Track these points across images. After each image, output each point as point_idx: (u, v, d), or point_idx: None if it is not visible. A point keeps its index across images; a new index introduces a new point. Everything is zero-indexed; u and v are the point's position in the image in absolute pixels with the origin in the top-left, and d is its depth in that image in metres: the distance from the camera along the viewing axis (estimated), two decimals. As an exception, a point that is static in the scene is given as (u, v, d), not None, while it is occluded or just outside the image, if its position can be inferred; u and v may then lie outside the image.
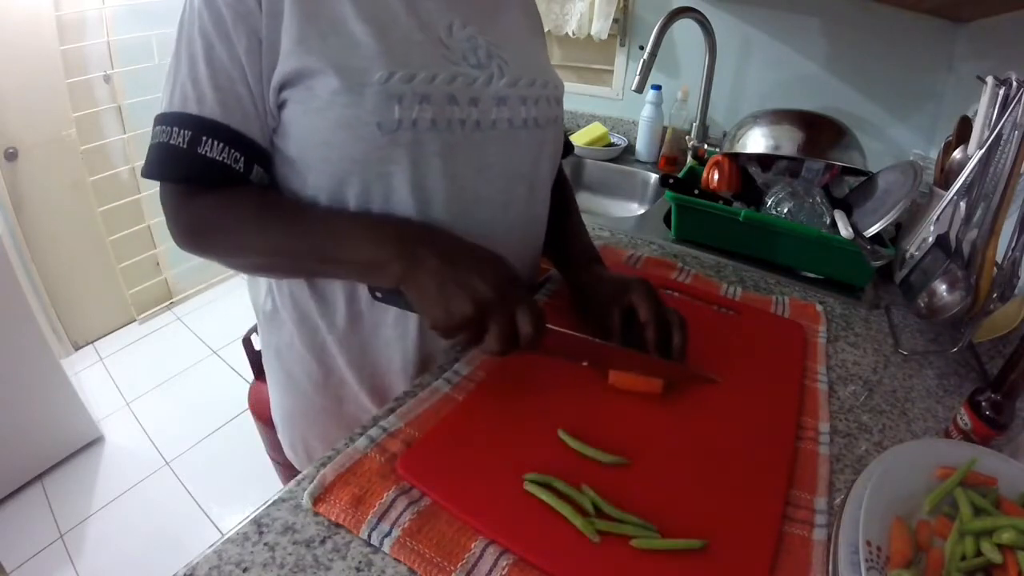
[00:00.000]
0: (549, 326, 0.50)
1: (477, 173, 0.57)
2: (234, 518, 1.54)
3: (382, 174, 0.52)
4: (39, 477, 1.62)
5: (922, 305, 0.74)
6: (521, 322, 0.47)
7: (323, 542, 0.41)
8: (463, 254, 0.49)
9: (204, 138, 0.49)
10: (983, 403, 0.53)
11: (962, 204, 0.72)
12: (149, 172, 0.51)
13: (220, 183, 0.51)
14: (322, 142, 0.51)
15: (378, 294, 0.52)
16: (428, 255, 0.47)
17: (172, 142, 0.49)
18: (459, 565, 0.39)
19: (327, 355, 0.62)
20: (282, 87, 0.50)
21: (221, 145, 0.49)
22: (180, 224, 0.53)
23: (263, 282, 0.64)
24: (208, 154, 0.49)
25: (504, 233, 0.61)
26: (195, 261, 2.46)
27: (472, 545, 0.40)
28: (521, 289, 0.49)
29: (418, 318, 0.59)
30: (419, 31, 0.53)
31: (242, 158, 0.50)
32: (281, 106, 0.51)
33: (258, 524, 0.42)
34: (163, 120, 0.50)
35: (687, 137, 1.35)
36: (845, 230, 0.84)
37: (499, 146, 0.58)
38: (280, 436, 0.76)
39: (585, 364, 0.56)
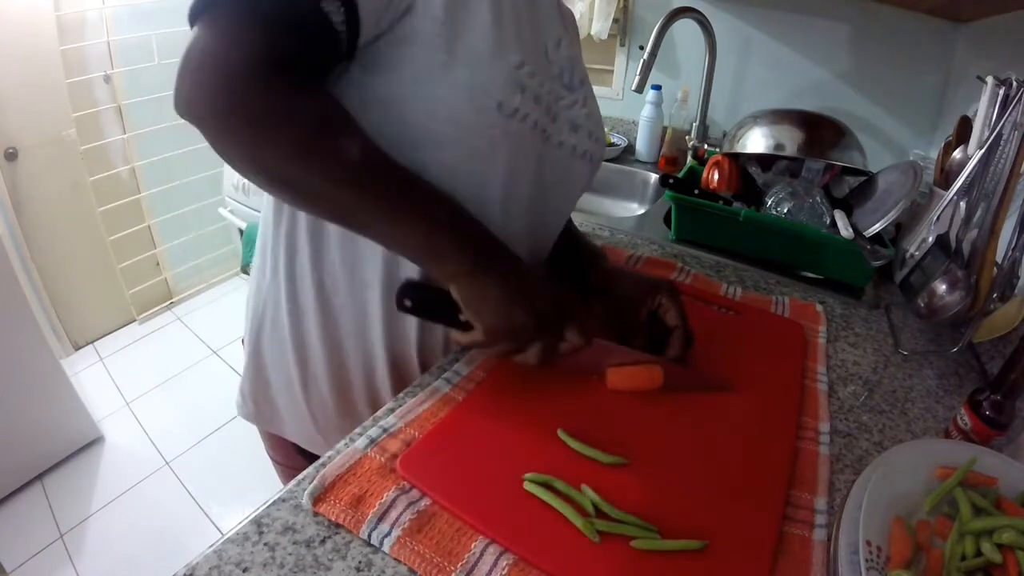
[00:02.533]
0: (600, 341, 0.53)
1: (537, 186, 0.57)
2: (234, 518, 1.54)
3: (480, 152, 0.51)
4: (39, 477, 1.62)
5: (922, 305, 0.74)
6: (569, 335, 0.50)
7: (323, 542, 0.41)
8: (529, 278, 0.49)
9: None
10: (983, 403, 0.53)
11: (962, 204, 0.72)
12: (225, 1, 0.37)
13: (310, 63, 0.40)
14: (435, 98, 0.46)
15: (407, 303, 0.51)
16: (502, 264, 0.48)
17: None
18: (459, 565, 0.39)
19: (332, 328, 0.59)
20: (412, 6, 0.43)
21: (343, 16, 0.38)
22: (228, 91, 0.37)
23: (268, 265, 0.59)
24: (333, 15, 0.38)
25: (535, 250, 0.63)
26: (195, 261, 2.48)
27: (472, 545, 0.40)
28: (573, 312, 0.51)
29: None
30: (538, 36, 0.53)
31: (349, 41, 0.41)
32: (398, 40, 0.43)
33: (258, 524, 0.42)
34: None
35: (687, 137, 1.35)
36: (845, 230, 0.84)
37: (559, 168, 0.59)
38: (270, 415, 0.71)
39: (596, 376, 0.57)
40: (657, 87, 1.39)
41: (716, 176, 1.01)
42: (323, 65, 0.43)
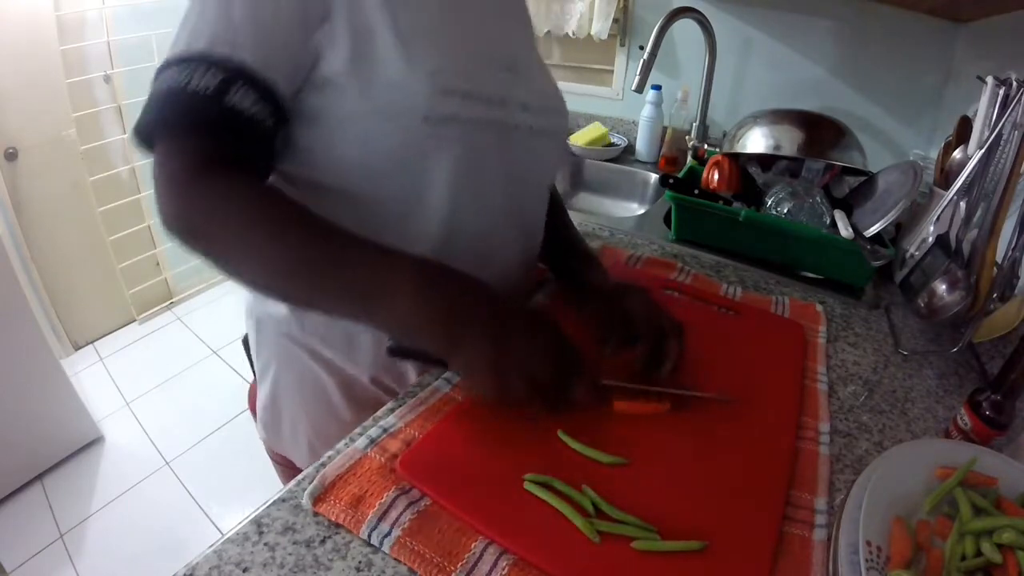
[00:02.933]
0: (609, 382, 0.51)
1: (497, 176, 0.57)
2: (234, 518, 1.54)
3: (422, 168, 0.50)
4: (39, 477, 1.62)
5: (922, 305, 0.74)
6: (578, 394, 0.45)
7: (323, 542, 0.41)
8: (514, 330, 0.43)
9: (237, 84, 0.40)
10: (983, 403, 0.53)
11: (962, 204, 0.72)
12: (152, 122, 0.41)
13: (238, 150, 0.42)
14: (358, 134, 0.48)
15: (393, 348, 0.48)
16: (478, 336, 0.42)
17: (194, 86, 0.40)
18: (459, 565, 0.39)
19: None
20: (318, 61, 0.44)
21: (254, 96, 0.41)
22: (181, 202, 0.41)
23: None
24: (239, 105, 0.40)
25: (513, 238, 0.62)
26: (196, 261, 2.46)
27: (472, 545, 0.40)
28: (577, 364, 0.45)
29: None
30: (464, 30, 0.53)
31: (272, 118, 0.43)
32: (314, 88, 0.46)
33: (258, 524, 0.42)
34: (179, 62, 0.41)
35: (687, 137, 1.35)
36: (845, 230, 0.84)
37: (519, 151, 0.58)
38: (275, 433, 0.73)
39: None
40: (657, 87, 1.39)
41: (716, 176, 1.01)
42: (259, 147, 0.45)
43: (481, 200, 0.56)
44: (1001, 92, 0.66)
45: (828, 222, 0.91)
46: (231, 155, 0.42)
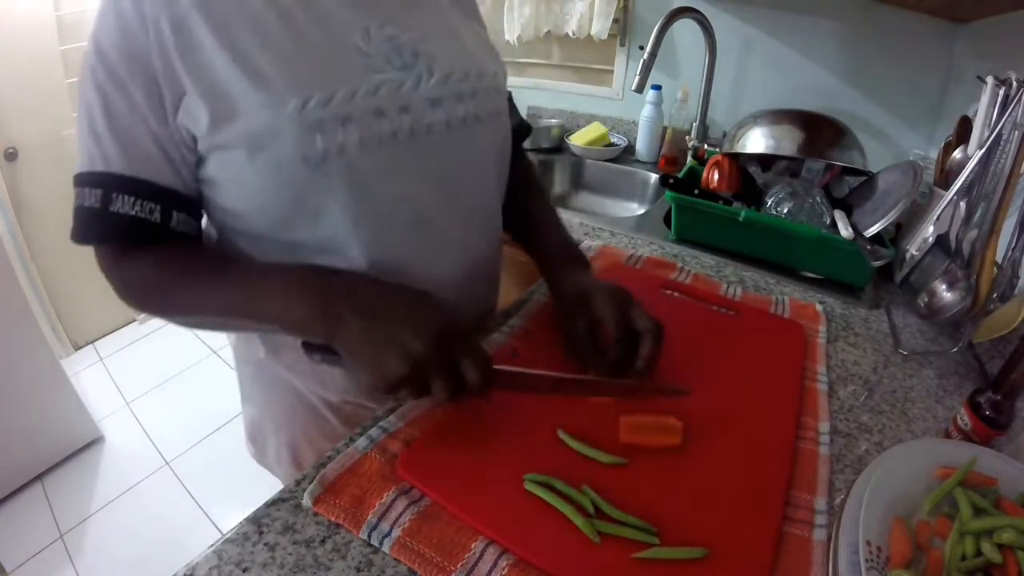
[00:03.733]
0: (498, 367, 0.48)
1: (422, 182, 0.54)
2: (234, 518, 1.53)
3: (323, 208, 0.49)
4: (39, 477, 1.63)
5: (922, 305, 0.74)
6: (466, 370, 0.45)
7: (323, 542, 0.41)
8: (390, 307, 0.45)
9: (115, 195, 0.47)
10: (983, 403, 0.53)
11: (962, 204, 0.72)
12: (75, 236, 0.49)
13: (142, 239, 0.49)
14: (253, 190, 0.49)
15: (316, 356, 0.49)
16: (350, 314, 0.44)
17: (87, 204, 0.47)
18: (459, 565, 0.39)
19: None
20: (195, 136, 0.47)
21: (132, 199, 0.47)
22: (116, 285, 0.51)
23: None
24: (121, 210, 0.47)
25: (461, 236, 0.59)
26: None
27: (472, 545, 0.40)
28: (459, 336, 0.46)
29: None
30: (331, 46, 0.48)
31: (157, 208, 0.48)
32: (200, 160, 0.49)
33: (258, 524, 0.42)
34: (77, 181, 0.48)
35: (687, 137, 1.35)
36: (845, 230, 0.84)
37: (440, 150, 0.54)
38: (261, 453, 0.76)
39: (557, 395, 0.54)
40: (657, 87, 1.39)
41: (716, 176, 1.01)
42: (158, 231, 0.49)
43: (412, 212, 0.54)
44: (1001, 92, 0.66)
45: (828, 222, 0.91)
46: (136, 243, 0.50)
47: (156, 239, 0.49)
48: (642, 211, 1.26)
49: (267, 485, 0.71)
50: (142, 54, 0.43)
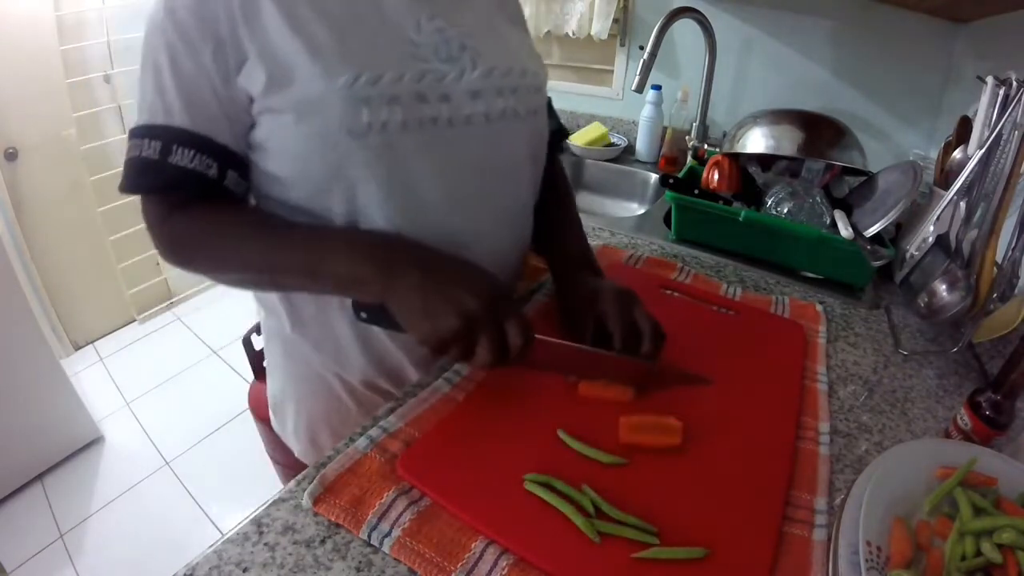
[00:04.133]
0: (538, 336, 0.50)
1: (456, 169, 0.55)
2: (234, 518, 1.53)
3: (360, 179, 0.51)
4: (39, 477, 1.62)
5: (922, 305, 0.74)
6: (511, 333, 0.47)
7: (323, 542, 0.41)
8: (446, 267, 0.49)
9: (175, 147, 0.49)
10: (983, 403, 0.53)
11: (962, 204, 0.72)
12: (126, 186, 0.51)
13: (195, 192, 0.51)
14: (297, 155, 0.51)
15: (363, 315, 0.51)
16: (409, 269, 0.47)
17: (144, 155, 0.49)
18: (459, 565, 0.39)
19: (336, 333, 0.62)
20: (252, 98, 0.49)
21: (192, 152, 0.49)
22: (162, 239, 0.53)
23: None
24: (179, 163, 0.49)
25: (490, 229, 0.60)
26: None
27: (472, 545, 0.40)
28: (508, 300, 0.48)
29: None
30: (384, 30, 0.52)
31: (215, 164, 0.50)
32: (253, 124, 0.51)
33: (258, 524, 0.42)
34: (135, 134, 0.50)
35: (687, 137, 1.35)
36: (845, 230, 0.84)
37: (477, 142, 0.56)
38: (281, 424, 0.76)
39: (572, 379, 0.56)
40: (657, 87, 1.39)
41: (716, 176, 1.01)
42: (212, 187, 0.51)
43: (444, 198, 0.55)
44: (1001, 92, 0.66)
45: (828, 222, 0.91)
46: (188, 198, 0.52)
47: (207, 195, 0.51)
48: (642, 211, 1.26)
49: (267, 485, 0.71)
50: (212, 17, 0.46)
